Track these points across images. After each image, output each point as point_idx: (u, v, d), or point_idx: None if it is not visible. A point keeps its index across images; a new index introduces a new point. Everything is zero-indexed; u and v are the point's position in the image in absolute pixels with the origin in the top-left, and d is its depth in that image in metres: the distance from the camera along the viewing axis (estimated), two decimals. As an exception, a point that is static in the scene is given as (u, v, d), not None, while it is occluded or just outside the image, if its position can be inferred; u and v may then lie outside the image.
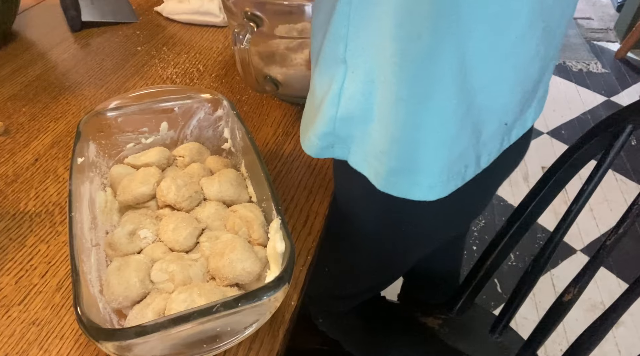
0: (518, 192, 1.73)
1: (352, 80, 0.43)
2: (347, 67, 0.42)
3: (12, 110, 0.71)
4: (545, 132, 2.02)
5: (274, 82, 0.66)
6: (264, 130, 0.68)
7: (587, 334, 0.59)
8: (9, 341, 0.43)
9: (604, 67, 2.43)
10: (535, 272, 0.66)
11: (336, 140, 0.48)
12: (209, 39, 0.90)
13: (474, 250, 1.53)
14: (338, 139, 0.48)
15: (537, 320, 0.65)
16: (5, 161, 0.62)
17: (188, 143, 0.56)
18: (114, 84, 0.77)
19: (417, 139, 0.42)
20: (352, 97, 0.43)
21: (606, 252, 0.57)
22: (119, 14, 0.95)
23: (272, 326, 0.45)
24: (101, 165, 0.53)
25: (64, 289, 0.48)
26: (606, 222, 1.62)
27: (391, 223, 0.57)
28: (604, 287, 1.43)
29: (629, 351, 1.28)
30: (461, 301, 0.77)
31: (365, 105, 0.43)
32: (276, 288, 0.36)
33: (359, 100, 0.43)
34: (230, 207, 0.48)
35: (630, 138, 0.56)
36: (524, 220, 0.67)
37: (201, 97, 0.55)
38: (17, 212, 0.55)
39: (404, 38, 0.37)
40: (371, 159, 0.46)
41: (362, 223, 0.59)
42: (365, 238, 0.61)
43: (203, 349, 0.39)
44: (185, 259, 0.43)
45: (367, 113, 0.44)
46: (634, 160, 1.87)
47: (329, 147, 0.49)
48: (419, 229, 0.58)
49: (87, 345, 0.43)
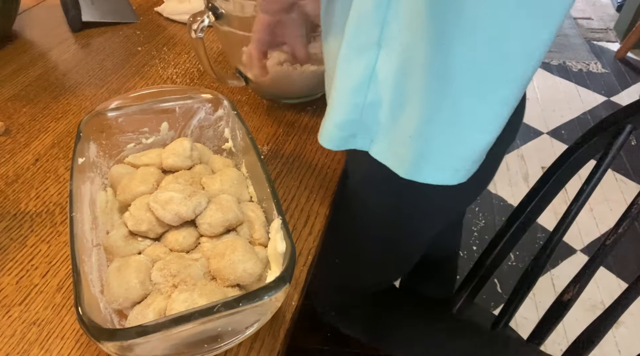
0: (518, 192, 1.73)
1: (385, 62, 0.43)
2: (381, 50, 0.42)
3: (13, 110, 0.71)
4: (545, 132, 2.02)
5: (244, 76, 0.66)
6: (264, 130, 0.68)
7: (587, 334, 0.59)
8: (10, 341, 0.43)
9: (604, 67, 2.43)
10: (535, 272, 0.66)
11: (359, 128, 0.48)
12: (209, 39, 0.90)
13: (474, 250, 1.53)
14: (362, 127, 0.47)
15: (537, 320, 0.65)
16: (5, 161, 0.62)
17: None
18: (115, 84, 0.77)
19: (452, 120, 0.42)
20: (384, 81, 0.44)
21: (606, 252, 0.57)
22: (119, 14, 0.95)
23: (273, 326, 0.45)
24: (102, 165, 0.53)
25: (65, 289, 0.48)
26: (606, 222, 1.63)
27: (405, 205, 0.57)
28: (604, 287, 1.43)
29: (629, 351, 1.28)
30: (461, 301, 0.77)
31: (398, 88, 0.43)
32: (277, 288, 0.36)
33: (391, 83, 0.43)
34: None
35: (630, 138, 0.56)
36: (524, 220, 0.67)
37: (202, 97, 0.55)
38: (18, 212, 0.55)
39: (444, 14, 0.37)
40: (397, 146, 0.46)
41: (373, 207, 0.59)
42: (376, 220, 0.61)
43: (204, 349, 0.39)
44: (185, 259, 0.43)
45: (398, 97, 0.43)
46: (634, 160, 1.87)
47: (351, 137, 0.49)
48: (433, 206, 0.58)
49: (88, 345, 0.43)
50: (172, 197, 0.44)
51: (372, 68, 0.44)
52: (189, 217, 0.44)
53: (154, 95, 0.54)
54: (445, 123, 0.43)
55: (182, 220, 0.44)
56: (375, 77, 0.44)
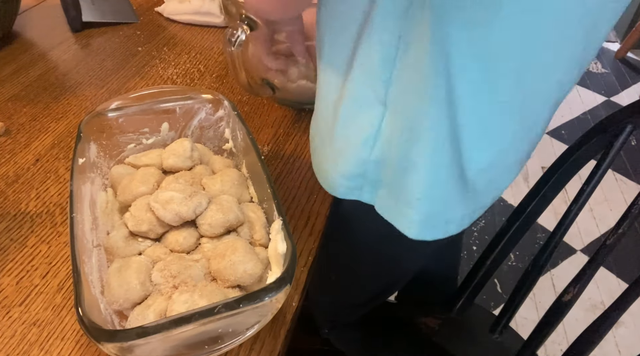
0: (518, 192, 1.73)
1: (390, 123, 0.41)
2: (387, 109, 0.41)
3: (13, 111, 0.71)
4: (545, 132, 2.02)
5: (271, 86, 0.66)
6: (265, 131, 0.68)
7: (587, 334, 0.59)
8: (10, 342, 0.43)
9: (604, 67, 2.43)
10: (535, 272, 0.66)
11: (365, 182, 0.47)
12: (210, 40, 0.90)
13: (474, 250, 1.53)
14: (367, 182, 0.47)
15: (537, 320, 0.65)
16: (6, 161, 0.62)
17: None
18: (115, 84, 0.77)
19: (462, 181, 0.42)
20: (390, 141, 0.42)
21: (606, 252, 0.57)
22: (119, 14, 0.95)
23: (274, 327, 0.45)
24: (102, 165, 0.53)
25: (65, 290, 0.48)
26: (606, 222, 1.63)
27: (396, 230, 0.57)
28: (604, 287, 1.43)
29: (629, 351, 1.28)
30: (461, 301, 0.77)
31: (403, 152, 0.42)
32: (277, 289, 0.36)
33: (395, 146, 0.42)
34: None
35: (630, 138, 0.56)
36: (524, 220, 0.67)
37: (202, 97, 0.55)
38: (18, 213, 0.55)
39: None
40: (403, 207, 0.45)
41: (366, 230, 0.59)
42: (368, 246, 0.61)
43: (204, 350, 0.39)
44: (186, 260, 0.43)
45: (404, 161, 0.42)
46: (634, 160, 1.87)
47: (357, 188, 0.48)
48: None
49: (88, 346, 0.43)
50: (172, 196, 0.44)
51: (378, 127, 0.42)
52: (190, 217, 0.44)
53: (155, 96, 0.54)
54: (454, 184, 0.42)
55: (183, 220, 0.44)
56: (380, 136, 0.43)
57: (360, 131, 0.44)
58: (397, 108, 0.41)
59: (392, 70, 0.39)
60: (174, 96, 0.55)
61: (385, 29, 0.37)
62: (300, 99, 0.70)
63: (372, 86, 0.41)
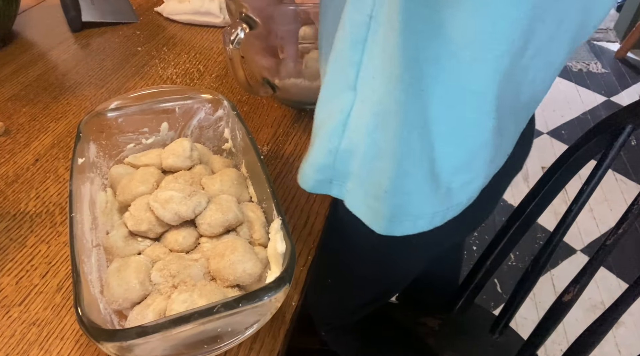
0: (518, 192, 1.73)
1: (359, 109, 0.40)
2: (356, 96, 0.40)
3: (13, 111, 0.71)
4: (545, 132, 2.02)
5: (271, 85, 0.66)
6: (264, 131, 0.68)
7: (587, 334, 0.59)
8: (9, 341, 0.43)
9: (604, 67, 2.43)
10: (535, 272, 0.66)
11: (334, 175, 0.45)
12: (209, 39, 0.90)
13: (474, 250, 1.53)
14: (336, 174, 0.45)
15: (537, 320, 0.65)
16: (5, 161, 0.62)
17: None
18: (115, 84, 0.77)
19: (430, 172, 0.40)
20: (357, 129, 0.41)
21: (606, 252, 0.57)
22: (119, 14, 0.95)
23: (273, 326, 0.45)
24: (102, 165, 0.53)
25: (65, 289, 0.48)
26: (606, 222, 1.63)
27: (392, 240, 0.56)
28: (604, 287, 1.43)
29: (629, 351, 1.28)
30: (461, 301, 0.77)
31: (371, 139, 0.40)
32: (277, 289, 0.36)
33: (364, 133, 0.40)
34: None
35: (630, 138, 0.56)
36: (524, 220, 0.67)
37: (201, 97, 0.55)
38: (18, 212, 0.55)
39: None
40: (372, 200, 0.43)
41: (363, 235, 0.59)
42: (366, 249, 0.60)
43: (204, 350, 0.39)
44: (185, 259, 0.43)
45: (371, 148, 0.41)
46: (634, 160, 1.87)
47: (327, 182, 0.46)
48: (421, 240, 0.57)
49: (88, 346, 0.43)
50: (172, 196, 0.44)
51: (347, 113, 0.41)
52: (189, 216, 0.44)
53: (154, 96, 0.54)
54: (424, 177, 0.40)
55: (182, 219, 0.44)
56: (349, 124, 0.41)
57: (330, 118, 0.42)
58: (366, 92, 0.39)
59: (362, 51, 0.37)
60: (174, 96, 0.55)
61: (357, 8, 0.36)
62: (301, 99, 0.70)
63: (343, 70, 0.39)
